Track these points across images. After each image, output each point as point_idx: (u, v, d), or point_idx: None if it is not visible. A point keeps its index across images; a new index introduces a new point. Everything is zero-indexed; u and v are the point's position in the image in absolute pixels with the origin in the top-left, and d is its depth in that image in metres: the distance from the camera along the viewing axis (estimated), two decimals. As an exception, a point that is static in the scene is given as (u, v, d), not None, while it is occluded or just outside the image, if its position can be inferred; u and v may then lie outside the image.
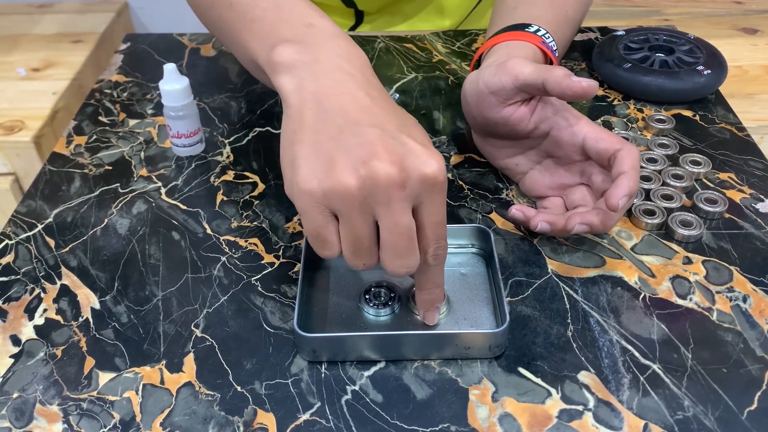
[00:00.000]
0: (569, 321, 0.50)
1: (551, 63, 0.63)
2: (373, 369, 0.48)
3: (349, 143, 0.41)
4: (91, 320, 0.52)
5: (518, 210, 0.57)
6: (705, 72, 0.72)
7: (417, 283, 0.47)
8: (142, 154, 0.68)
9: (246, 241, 0.58)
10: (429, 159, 0.41)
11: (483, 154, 0.65)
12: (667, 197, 0.60)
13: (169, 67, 0.63)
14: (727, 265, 0.55)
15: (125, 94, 0.78)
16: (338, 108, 0.43)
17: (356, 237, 0.42)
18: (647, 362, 0.47)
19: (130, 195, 0.63)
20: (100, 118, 0.74)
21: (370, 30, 0.94)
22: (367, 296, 0.51)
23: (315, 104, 0.43)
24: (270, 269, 0.55)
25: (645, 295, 0.52)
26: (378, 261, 0.44)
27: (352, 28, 0.93)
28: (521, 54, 0.60)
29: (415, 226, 0.42)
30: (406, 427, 0.44)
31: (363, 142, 0.41)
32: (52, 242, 0.58)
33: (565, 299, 0.52)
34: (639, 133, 0.70)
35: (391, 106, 0.45)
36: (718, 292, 0.52)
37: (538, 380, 0.47)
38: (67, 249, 0.58)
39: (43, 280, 0.55)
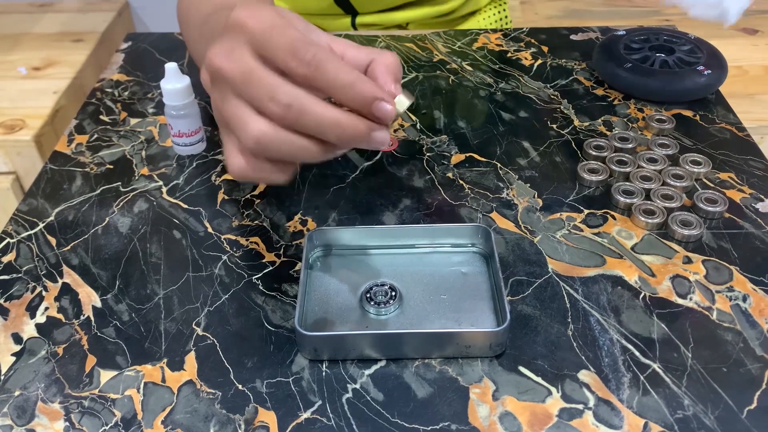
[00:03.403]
0: (569, 320, 0.51)
1: None
2: (374, 367, 0.48)
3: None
4: (92, 318, 0.52)
5: None
6: (705, 72, 0.73)
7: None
8: (144, 153, 0.69)
9: (247, 240, 0.58)
10: (235, 12, 0.39)
11: None
12: (667, 197, 0.60)
13: (171, 66, 0.64)
14: (727, 264, 0.55)
15: (126, 93, 0.78)
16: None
17: (258, 130, 0.39)
18: (647, 361, 0.48)
19: (132, 194, 0.63)
20: (101, 117, 0.74)
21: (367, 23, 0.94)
22: (368, 295, 0.51)
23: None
24: (271, 268, 0.55)
25: (645, 294, 0.53)
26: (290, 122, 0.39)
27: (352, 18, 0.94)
28: None
29: (257, 64, 0.39)
30: (406, 425, 0.44)
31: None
32: (53, 241, 0.58)
33: (566, 298, 0.52)
34: (639, 132, 0.70)
35: None
36: (718, 292, 0.53)
37: (539, 379, 0.47)
38: (69, 247, 0.58)
39: (44, 279, 0.55)
